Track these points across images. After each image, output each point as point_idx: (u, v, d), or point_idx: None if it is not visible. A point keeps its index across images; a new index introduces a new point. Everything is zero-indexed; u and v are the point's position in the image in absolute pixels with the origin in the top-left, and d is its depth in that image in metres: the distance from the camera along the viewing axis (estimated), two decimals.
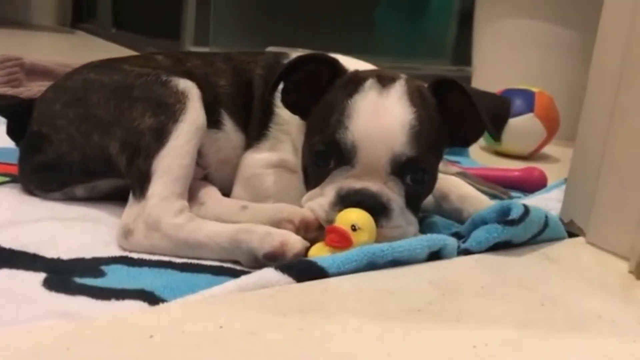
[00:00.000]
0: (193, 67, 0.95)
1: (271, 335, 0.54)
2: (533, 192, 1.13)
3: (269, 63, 0.97)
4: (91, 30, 3.51)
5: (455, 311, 0.61)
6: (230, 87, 0.95)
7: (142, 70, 0.88)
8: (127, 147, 0.82)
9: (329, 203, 0.76)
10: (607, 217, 0.81)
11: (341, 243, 0.71)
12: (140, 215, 0.77)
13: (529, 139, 1.50)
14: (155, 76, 0.85)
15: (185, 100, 0.83)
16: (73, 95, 0.88)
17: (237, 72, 0.97)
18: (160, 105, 0.82)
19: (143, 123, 0.81)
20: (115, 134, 0.82)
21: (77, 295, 0.64)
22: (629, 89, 0.78)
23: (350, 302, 0.61)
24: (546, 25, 1.74)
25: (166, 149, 0.80)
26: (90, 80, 0.88)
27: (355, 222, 0.72)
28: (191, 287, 0.65)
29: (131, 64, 0.93)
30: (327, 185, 0.78)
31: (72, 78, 0.92)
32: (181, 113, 0.82)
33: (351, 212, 0.73)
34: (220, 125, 0.93)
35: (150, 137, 0.80)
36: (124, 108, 0.83)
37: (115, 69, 0.90)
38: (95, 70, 0.91)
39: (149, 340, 0.51)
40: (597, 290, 0.70)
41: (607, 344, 0.58)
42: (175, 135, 0.80)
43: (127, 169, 0.82)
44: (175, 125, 0.81)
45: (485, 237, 0.76)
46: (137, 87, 0.84)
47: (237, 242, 0.74)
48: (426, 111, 0.79)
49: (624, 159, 0.79)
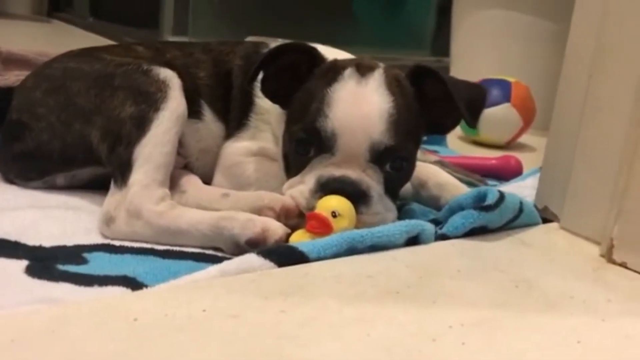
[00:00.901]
0: (172, 58, 0.96)
1: (253, 317, 0.55)
2: (509, 179, 1.16)
3: (248, 53, 0.98)
4: (68, 20, 3.46)
5: (432, 293, 0.63)
6: (209, 78, 0.96)
7: (122, 60, 0.88)
8: (108, 135, 0.82)
9: (309, 190, 0.77)
10: (580, 204, 0.83)
11: (322, 229, 0.72)
12: (122, 202, 0.78)
13: (506, 129, 1.52)
14: (136, 65, 0.86)
15: (166, 89, 0.83)
16: (53, 83, 0.87)
17: (217, 62, 0.97)
18: (142, 93, 0.82)
19: (124, 111, 0.82)
20: (96, 122, 0.83)
21: (60, 282, 0.65)
22: (600, 79, 0.80)
23: (330, 286, 0.62)
24: (523, 16, 1.77)
25: (147, 137, 0.80)
26: (71, 68, 0.88)
27: (336, 209, 0.73)
28: (173, 274, 0.66)
29: (111, 53, 0.93)
30: (307, 173, 0.79)
31: (52, 66, 0.92)
32: (162, 101, 0.82)
33: (331, 199, 0.74)
34: (200, 116, 0.93)
35: (131, 126, 0.81)
36: (105, 97, 0.83)
37: (96, 57, 0.90)
38: (76, 59, 0.91)
39: (133, 323, 0.52)
40: (569, 273, 0.72)
41: (578, 323, 0.60)
42: (157, 123, 0.81)
43: (108, 157, 0.82)
44: (156, 113, 0.81)
45: (462, 222, 0.78)
46: (118, 75, 0.84)
47: (219, 229, 0.75)
48: (404, 99, 0.80)
49: (596, 148, 0.81)
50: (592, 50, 0.81)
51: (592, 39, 0.81)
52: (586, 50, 0.81)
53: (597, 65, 0.80)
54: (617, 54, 0.78)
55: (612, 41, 0.79)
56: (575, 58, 0.84)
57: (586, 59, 0.81)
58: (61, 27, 3.35)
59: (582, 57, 0.82)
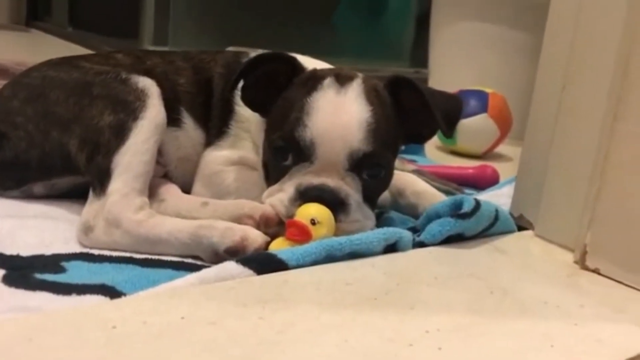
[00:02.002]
0: (153, 65, 0.96)
1: (232, 324, 0.55)
2: (486, 188, 1.18)
3: (229, 61, 0.98)
4: (47, 29, 3.44)
5: (409, 300, 0.64)
6: (190, 86, 0.96)
7: (101, 68, 0.88)
8: (86, 144, 0.82)
9: (289, 199, 0.77)
10: (554, 212, 0.85)
11: (301, 236, 0.73)
12: (100, 212, 0.78)
13: (483, 138, 1.55)
14: (115, 74, 0.86)
15: (145, 98, 0.84)
16: (32, 92, 0.87)
17: (197, 70, 0.98)
18: (120, 102, 0.83)
19: (102, 120, 0.82)
20: (75, 131, 0.83)
21: (37, 290, 0.65)
22: (573, 90, 0.82)
23: (309, 293, 0.63)
24: (499, 28, 1.80)
25: (126, 146, 0.80)
26: (50, 77, 0.88)
27: (315, 217, 0.74)
28: (152, 282, 0.66)
29: (90, 61, 0.93)
30: (286, 181, 0.79)
31: (31, 75, 0.91)
32: (141, 110, 0.82)
33: (310, 206, 0.75)
34: (180, 123, 0.94)
35: (110, 134, 0.81)
36: (83, 105, 0.83)
37: (75, 66, 0.90)
38: (54, 68, 0.91)
39: (112, 330, 0.52)
40: (543, 279, 0.74)
41: (551, 327, 0.61)
42: (135, 132, 0.81)
43: (86, 166, 0.82)
44: (135, 122, 0.82)
45: (439, 230, 0.79)
46: (97, 84, 0.84)
47: (198, 238, 0.76)
48: (382, 109, 0.81)
49: (568, 157, 0.83)
50: (565, 62, 0.83)
51: (565, 51, 0.83)
52: (559, 62, 0.84)
53: (570, 77, 0.82)
54: (588, 66, 0.80)
55: (584, 53, 0.81)
56: (549, 70, 0.86)
57: (559, 71, 0.83)
58: (40, 37, 3.33)
59: (556, 68, 0.84)
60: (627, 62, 0.73)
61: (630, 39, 0.73)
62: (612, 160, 0.75)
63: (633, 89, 0.73)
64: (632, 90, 0.73)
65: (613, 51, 0.76)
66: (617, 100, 0.74)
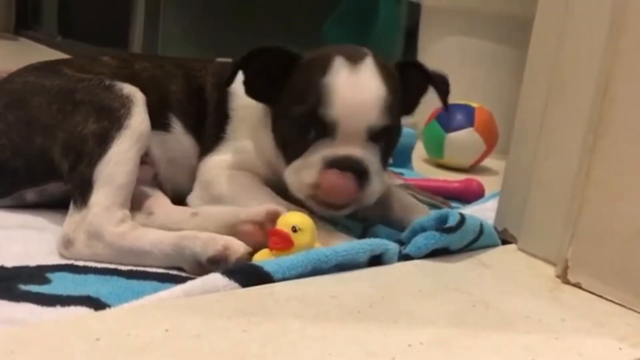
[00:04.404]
0: (141, 69, 0.96)
1: (216, 337, 0.55)
2: (471, 202, 1.19)
3: (219, 70, 0.99)
4: (36, 38, 3.43)
5: (393, 313, 0.64)
6: (182, 94, 0.97)
7: (83, 76, 0.88)
8: (69, 151, 0.82)
9: (316, 170, 0.82)
10: (537, 226, 0.86)
11: (283, 244, 0.74)
12: (81, 224, 0.78)
13: (469, 152, 1.56)
14: (98, 80, 0.86)
15: (129, 105, 0.84)
16: (13, 97, 0.87)
17: (189, 78, 0.99)
18: (104, 109, 0.83)
19: (87, 128, 0.82)
20: (58, 137, 0.83)
21: (21, 302, 0.64)
22: (556, 106, 0.83)
23: (293, 306, 0.63)
24: (487, 43, 1.82)
25: (108, 155, 0.80)
26: (31, 83, 0.88)
27: (296, 224, 0.75)
28: (137, 294, 0.67)
29: (74, 65, 0.93)
30: (309, 155, 0.83)
31: (13, 81, 0.91)
32: (125, 118, 0.83)
33: (290, 215, 0.77)
34: (168, 128, 0.94)
35: (93, 143, 0.81)
36: (67, 112, 0.83)
37: (57, 72, 0.90)
38: (36, 73, 0.91)
39: (95, 343, 0.52)
40: (526, 293, 0.74)
41: (533, 341, 0.62)
42: (119, 141, 0.81)
43: (69, 175, 0.82)
44: (119, 131, 0.82)
45: (424, 243, 0.80)
46: (80, 90, 0.84)
47: (180, 249, 0.76)
48: (393, 84, 0.87)
49: (551, 172, 0.84)
50: (548, 79, 0.84)
51: (548, 68, 0.84)
52: (542, 79, 0.85)
53: (553, 94, 0.83)
54: (571, 84, 0.81)
55: (566, 71, 0.82)
56: (532, 86, 0.87)
57: (542, 88, 0.85)
58: (29, 46, 3.32)
59: (539, 85, 0.86)
60: (608, 80, 0.74)
61: (612, 57, 0.74)
62: (594, 177, 0.76)
63: (613, 108, 0.74)
64: (612, 109, 0.74)
65: (595, 69, 0.77)
66: (598, 118, 0.75)
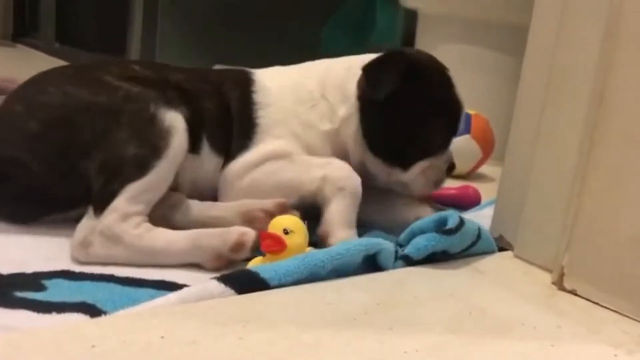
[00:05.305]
0: (177, 81, 0.94)
1: (212, 343, 0.55)
2: (468, 209, 1.19)
3: (239, 80, 0.98)
4: (33, 45, 3.43)
5: (389, 319, 0.64)
6: (216, 110, 0.95)
7: (129, 91, 0.85)
8: (106, 169, 0.81)
9: (442, 171, 1.01)
10: (532, 233, 0.86)
11: (277, 246, 0.76)
12: (97, 226, 0.78)
13: (466, 159, 1.56)
14: (144, 104, 0.84)
15: (169, 137, 0.83)
16: (52, 113, 0.83)
17: (219, 93, 0.96)
18: (146, 139, 0.82)
19: (127, 150, 0.81)
20: (97, 156, 0.81)
21: (17, 309, 0.64)
22: (551, 113, 0.84)
23: (289, 312, 0.63)
24: (483, 50, 1.82)
25: (144, 180, 0.80)
26: (71, 95, 0.85)
27: (287, 227, 0.77)
28: (133, 301, 0.66)
29: (111, 74, 0.89)
30: (435, 160, 1.00)
31: (47, 91, 0.86)
32: (165, 149, 0.82)
33: (281, 218, 0.79)
34: (198, 150, 0.92)
35: (130, 167, 0.80)
36: (110, 130, 0.82)
37: (97, 80, 0.87)
38: (73, 82, 0.87)
39: (91, 349, 0.52)
40: (521, 300, 0.75)
41: (528, 348, 0.62)
42: (156, 171, 0.81)
43: (99, 189, 0.81)
44: (158, 161, 0.81)
45: (424, 244, 0.80)
46: (126, 112, 0.83)
47: (198, 245, 0.78)
48: None
49: (547, 179, 0.84)
50: (543, 87, 0.84)
51: (544, 75, 0.84)
52: (538, 86, 0.85)
53: (548, 101, 0.84)
54: (566, 91, 0.82)
55: (562, 78, 0.83)
56: (528, 93, 0.88)
57: (538, 95, 0.85)
58: (27, 53, 3.32)
59: (535, 92, 0.86)
60: (603, 87, 0.75)
61: (607, 64, 0.75)
62: (589, 184, 0.76)
63: (609, 115, 0.74)
64: (607, 116, 0.74)
65: (590, 76, 0.77)
66: (594, 126, 0.76)
